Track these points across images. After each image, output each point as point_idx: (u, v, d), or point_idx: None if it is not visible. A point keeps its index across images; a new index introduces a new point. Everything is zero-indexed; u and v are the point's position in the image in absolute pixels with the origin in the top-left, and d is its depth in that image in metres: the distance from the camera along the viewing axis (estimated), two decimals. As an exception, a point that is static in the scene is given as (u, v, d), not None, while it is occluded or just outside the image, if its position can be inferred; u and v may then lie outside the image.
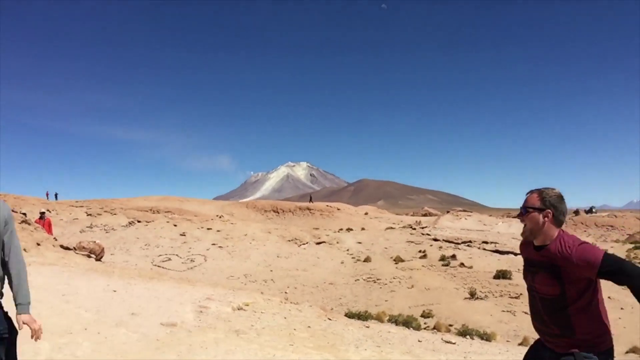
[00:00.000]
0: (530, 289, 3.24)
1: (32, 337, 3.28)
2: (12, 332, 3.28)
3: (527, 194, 3.20)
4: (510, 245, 33.02)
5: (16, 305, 3.25)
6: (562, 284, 3.00)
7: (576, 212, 57.59)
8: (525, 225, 3.18)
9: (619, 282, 2.93)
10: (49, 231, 18.58)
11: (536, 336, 3.39)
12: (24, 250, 12.93)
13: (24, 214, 17.66)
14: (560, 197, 3.14)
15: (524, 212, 3.16)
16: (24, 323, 3.25)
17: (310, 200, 77.29)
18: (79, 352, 6.00)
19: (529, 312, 3.29)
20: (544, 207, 3.08)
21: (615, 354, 3.23)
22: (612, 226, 47.09)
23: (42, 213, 19.37)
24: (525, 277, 3.29)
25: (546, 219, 3.08)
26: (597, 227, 46.98)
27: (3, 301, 3.32)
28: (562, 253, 2.97)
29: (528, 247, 3.25)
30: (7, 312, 3.32)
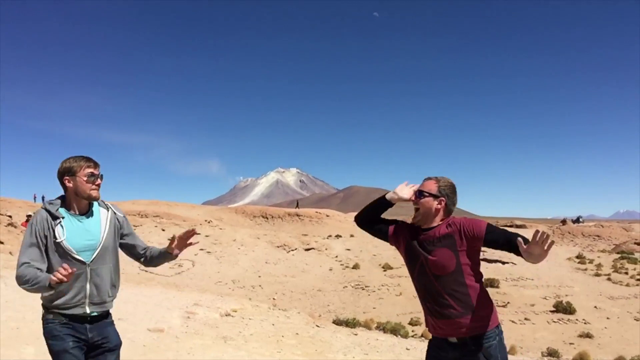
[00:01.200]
0: (422, 274, 3.19)
1: (188, 238, 3.53)
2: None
3: (425, 179, 3.29)
4: (499, 254, 33.15)
5: (167, 249, 3.57)
6: (457, 255, 3.08)
7: (563, 222, 57.97)
8: (417, 210, 3.25)
9: (500, 246, 3.08)
10: None
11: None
12: (10, 253, 12.81)
13: (10, 216, 17.47)
14: (454, 188, 3.28)
15: (419, 196, 3.23)
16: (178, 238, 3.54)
17: (297, 206, 77.20)
18: (64, 357, 5.94)
19: (432, 309, 3.19)
20: (439, 194, 3.20)
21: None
22: (598, 236, 47.39)
23: (29, 216, 19.18)
24: (413, 264, 3.25)
25: (439, 206, 3.19)
26: (584, 236, 47.28)
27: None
28: (452, 226, 3.13)
29: (413, 232, 3.28)
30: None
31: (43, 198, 58.91)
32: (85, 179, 3.23)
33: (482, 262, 3.19)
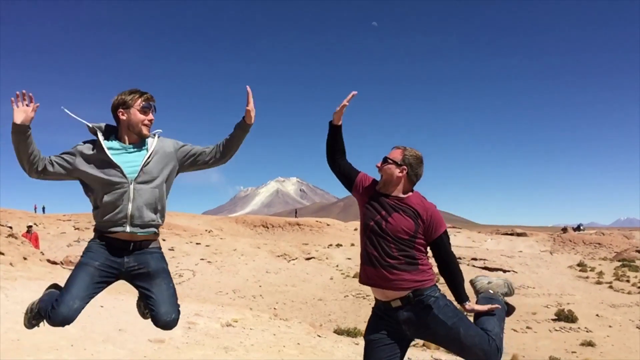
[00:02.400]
0: (375, 233, 3.24)
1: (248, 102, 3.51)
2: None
3: (393, 147, 3.40)
4: (500, 262, 33.13)
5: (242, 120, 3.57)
6: (417, 223, 3.19)
7: (564, 230, 57.96)
8: (381, 176, 3.37)
9: (438, 254, 3.27)
10: (36, 245, 18.39)
11: None
12: (10, 264, 12.80)
13: (10, 227, 17.46)
14: (420, 160, 3.35)
15: (383, 161, 3.35)
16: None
17: (296, 215, 77.24)
18: (65, 368, 5.93)
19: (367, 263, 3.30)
20: (402, 163, 3.29)
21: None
22: (599, 244, 47.36)
23: (30, 227, 19.18)
24: (369, 219, 3.29)
25: (401, 174, 3.28)
26: (584, 244, 47.25)
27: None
28: (423, 204, 3.26)
29: (379, 195, 3.34)
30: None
31: (43, 209, 58.95)
32: (139, 109, 3.28)
33: (483, 271, 3.27)
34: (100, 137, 3.26)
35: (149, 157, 3.26)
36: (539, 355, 16.34)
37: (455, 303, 3.35)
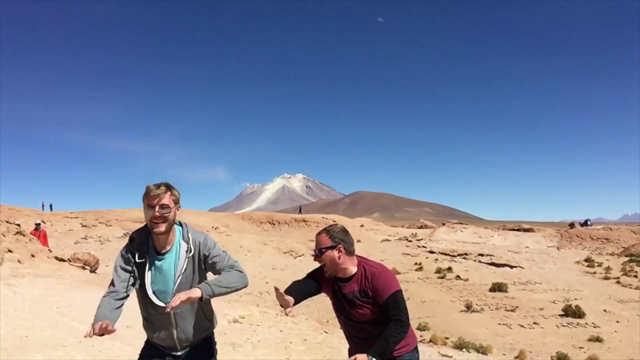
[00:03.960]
0: (349, 321, 3.38)
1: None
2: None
3: (317, 235, 3.40)
4: (506, 258, 33.04)
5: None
6: (373, 302, 3.27)
7: (571, 225, 57.72)
8: (324, 265, 3.35)
9: (389, 317, 3.20)
10: (44, 242, 18.48)
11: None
12: (18, 261, 12.88)
13: (19, 225, 17.58)
14: (345, 231, 3.42)
15: (319, 254, 3.34)
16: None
17: (300, 212, 77.25)
18: (73, 365, 5.96)
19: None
20: (335, 243, 3.31)
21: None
22: (607, 239, 47.16)
23: (38, 224, 19.24)
24: (339, 313, 3.43)
25: (340, 253, 3.31)
26: (592, 240, 47.04)
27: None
28: (366, 280, 3.30)
29: (335, 284, 3.40)
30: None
31: (51, 206, 59.22)
32: (145, 209, 2.92)
33: (490, 266, 3.26)
34: None
35: (180, 272, 2.97)
36: (546, 351, 16.30)
37: None
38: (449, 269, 29.62)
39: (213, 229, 43.72)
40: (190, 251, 2.98)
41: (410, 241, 40.15)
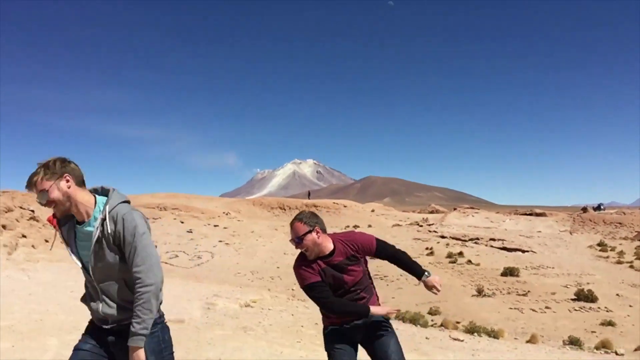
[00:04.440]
0: (341, 289, 3.58)
1: None
2: None
3: (291, 225, 3.57)
4: (518, 243, 32.93)
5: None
6: (363, 265, 3.69)
7: (584, 210, 57.30)
8: (306, 250, 3.54)
9: (386, 256, 3.75)
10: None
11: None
12: (32, 247, 13.02)
13: (32, 210, 17.76)
14: (314, 214, 3.64)
15: (298, 241, 3.52)
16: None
17: (309, 197, 77.38)
18: (87, 348, 6.03)
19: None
20: (311, 227, 3.51)
21: (623, 352, 3.30)
22: (620, 223, 46.75)
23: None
24: (335, 286, 3.58)
25: (318, 233, 3.52)
26: (605, 224, 46.71)
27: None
28: (349, 244, 3.61)
29: (322, 265, 3.57)
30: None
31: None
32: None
33: (502, 251, 3.27)
34: None
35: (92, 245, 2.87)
36: (558, 335, 16.28)
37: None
38: (460, 254, 29.57)
39: (224, 214, 43.89)
40: (101, 227, 2.84)
41: (422, 226, 40.10)
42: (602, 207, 62.71)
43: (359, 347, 3.76)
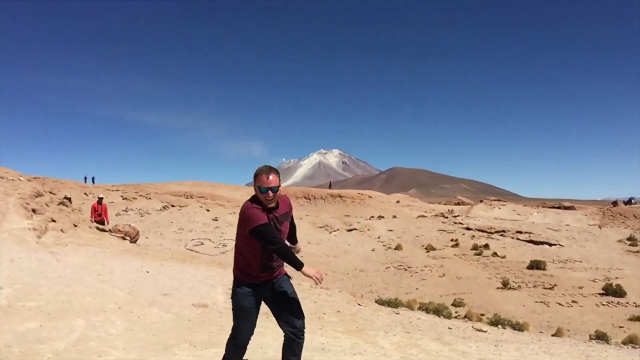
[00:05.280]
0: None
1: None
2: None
3: (271, 177, 4.02)
4: (545, 236, 32.44)
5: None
6: (289, 221, 4.43)
7: (614, 204, 56.12)
8: (272, 199, 4.05)
9: (292, 223, 4.57)
10: (106, 216, 19.11)
11: None
12: (61, 231, 13.28)
13: (69, 198, 18.19)
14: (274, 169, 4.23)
15: (276, 191, 4.03)
16: None
17: (330, 187, 77.51)
18: (112, 329, 6.13)
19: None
20: (280, 179, 4.14)
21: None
22: (651, 218, 45.69)
23: (100, 198, 19.48)
24: (275, 230, 4.05)
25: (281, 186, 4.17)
26: (635, 218, 45.70)
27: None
28: (285, 201, 4.29)
29: (265, 212, 4.03)
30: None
31: (93, 179, 60.77)
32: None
33: (528, 244, 3.21)
34: None
35: None
36: (584, 330, 16.05)
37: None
38: (486, 246, 29.29)
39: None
40: None
41: (447, 217, 39.76)
42: (633, 201, 61.44)
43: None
